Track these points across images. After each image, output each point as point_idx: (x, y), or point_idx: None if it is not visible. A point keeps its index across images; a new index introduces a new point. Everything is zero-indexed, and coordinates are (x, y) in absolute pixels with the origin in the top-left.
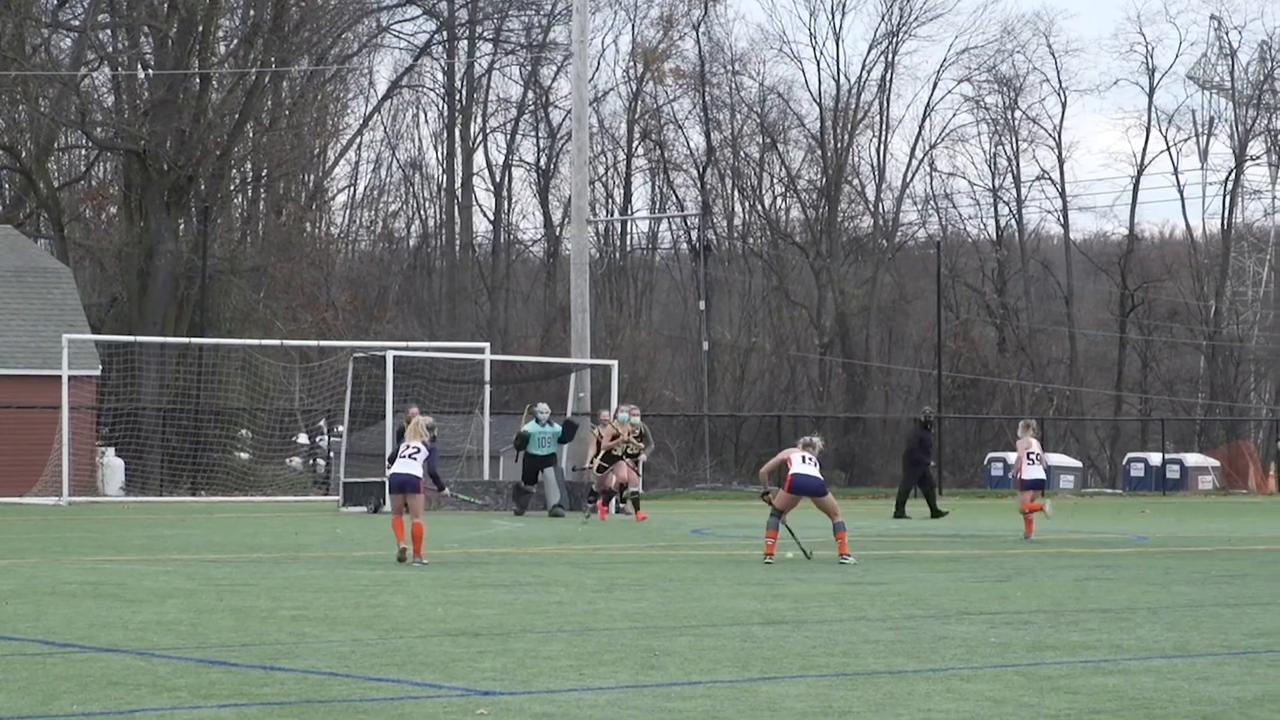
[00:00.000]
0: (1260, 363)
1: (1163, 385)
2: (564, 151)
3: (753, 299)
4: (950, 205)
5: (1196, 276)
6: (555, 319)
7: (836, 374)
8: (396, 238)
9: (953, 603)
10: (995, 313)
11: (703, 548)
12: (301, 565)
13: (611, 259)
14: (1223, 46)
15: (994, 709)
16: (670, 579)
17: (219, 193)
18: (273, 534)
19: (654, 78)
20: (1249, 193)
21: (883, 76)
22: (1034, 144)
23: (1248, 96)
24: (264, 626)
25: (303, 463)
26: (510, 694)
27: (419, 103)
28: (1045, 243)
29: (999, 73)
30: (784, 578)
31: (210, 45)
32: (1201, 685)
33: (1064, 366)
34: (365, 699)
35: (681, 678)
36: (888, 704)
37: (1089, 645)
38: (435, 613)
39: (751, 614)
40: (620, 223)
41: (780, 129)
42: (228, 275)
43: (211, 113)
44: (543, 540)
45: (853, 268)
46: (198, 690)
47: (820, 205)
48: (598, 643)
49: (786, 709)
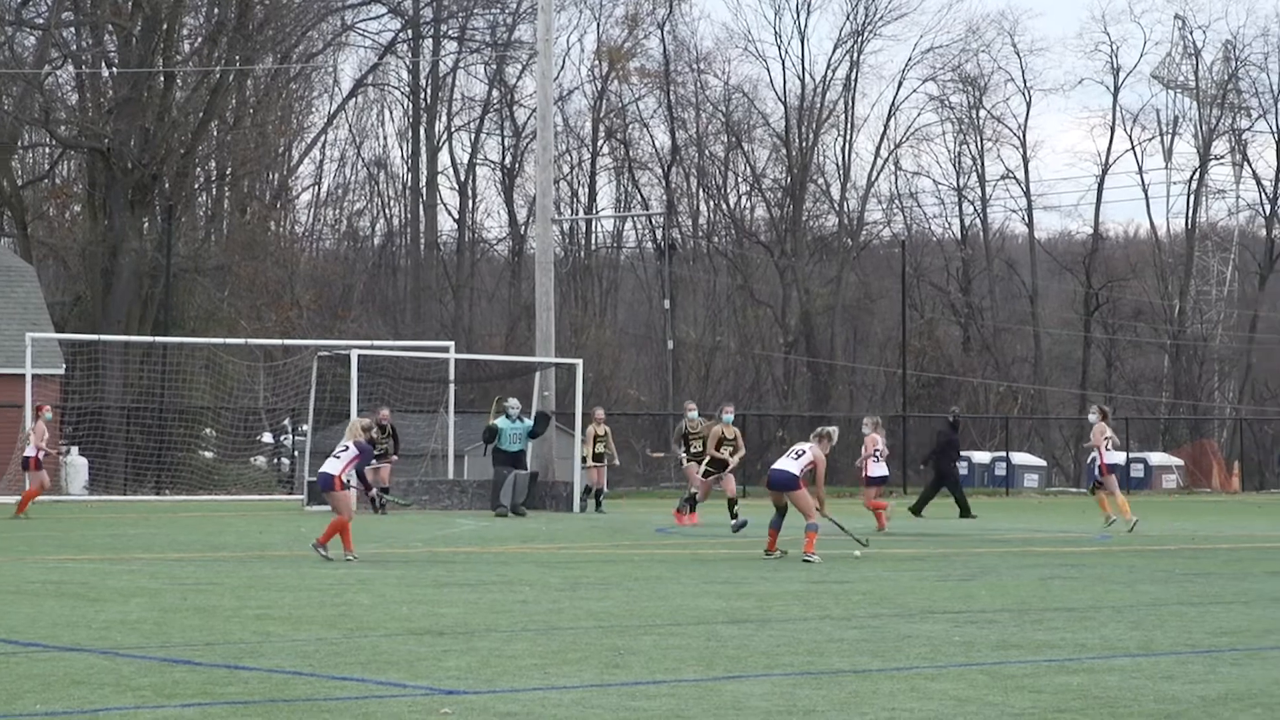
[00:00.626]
0: (1224, 362)
1: (1127, 384)
2: (529, 150)
3: (717, 298)
4: (915, 204)
5: (1161, 276)
6: (520, 318)
7: (801, 373)
8: (361, 236)
9: (917, 601)
10: (960, 312)
11: (667, 547)
12: (266, 564)
13: (576, 258)
14: (1187, 46)
15: (958, 708)
16: (635, 578)
17: (183, 191)
18: (237, 533)
19: (619, 76)
20: (1213, 192)
21: (848, 75)
22: (999, 143)
23: (1212, 96)
24: (228, 625)
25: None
26: (475, 693)
27: (384, 101)
28: (1010, 242)
29: (964, 72)
30: (749, 576)
31: (174, 43)
32: (1165, 684)
33: (1028, 365)
34: (330, 698)
35: (646, 676)
36: (852, 703)
37: (1053, 644)
38: (400, 612)
39: (716, 613)
40: (585, 221)
41: (745, 128)
42: (192, 274)
43: (176, 111)
44: (507, 539)
45: (817, 267)
46: (161, 689)
47: (785, 204)
48: (562, 642)
49: (751, 708)
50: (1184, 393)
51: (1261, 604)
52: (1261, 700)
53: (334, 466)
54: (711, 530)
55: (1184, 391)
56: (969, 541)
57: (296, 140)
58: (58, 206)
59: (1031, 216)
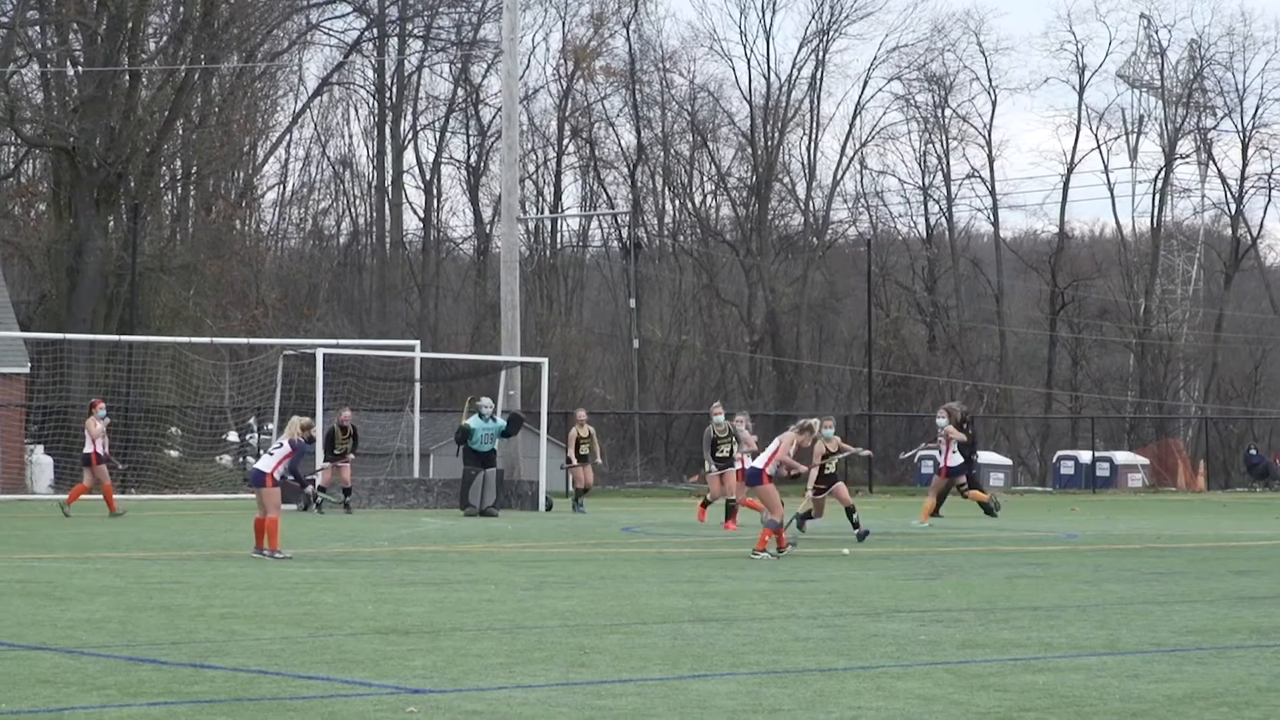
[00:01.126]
0: (1189, 361)
1: (1093, 383)
2: (494, 149)
3: (683, 297)
4: (880, 203)
5: (1126, 275)
6: (485, 316)
7: (767, 372)
8: (326, 235)
9: (883, 600)
10: (925, 310)
11: (633, 545)
12: (231, 563)
13: (542, 256)
14: (1152, 45)
15: (924, 707)
16: (600, 577)
17: (148, 190)
18: (203, 532)
19: (584, 75)
20: (1178, 191)
21: (813, 75)
22: (964, 142)
23: (1177, 95)
24: (194, 624)
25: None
26: (440, 692)
27: (349, 100)
28: (975, 240)
29: (929, 71)
30: (714, 575)
31: (140, 42)
32: (1131, 683)
33: (994, 364)
34: (295, 697)
35: (611, 675)
36: (818, 702)
37: (1019, 643)
38: (365, 611)
39: (682, 611)
40: (551, 220)
41: (711, 127)
42: (157, 273)
43: (141, 110)
44: (473, 539)
45: (783, 265)
46: (127, 688)
47: (750, 203)
48: (528, 641)
49: (716, 707)
50: (1149, 392)
51: (1227, 603)
52: (1227, 699)
53: (266, 464)
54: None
55: (1149, 390)
56: (935, 540)
57: (262, 139)
58: (23, 205)
59: (997, 215)
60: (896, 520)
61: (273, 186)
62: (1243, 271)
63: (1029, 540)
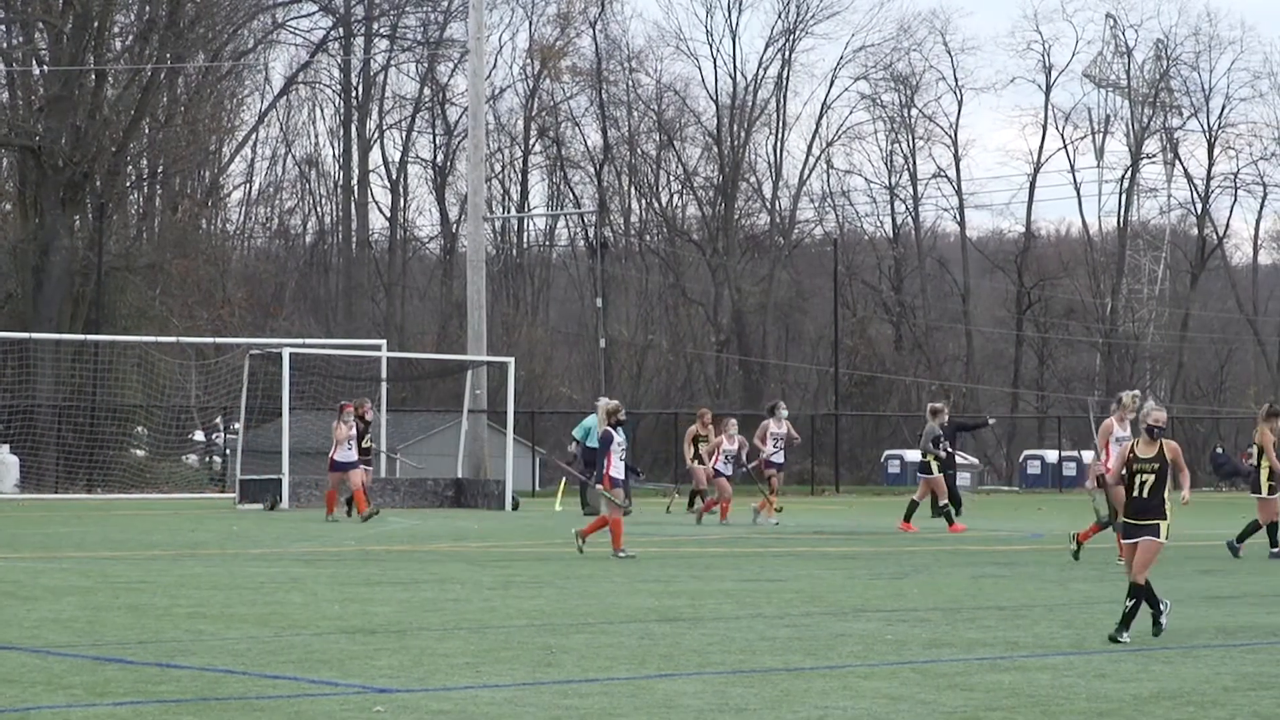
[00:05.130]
0: (1156, 360)
1: (1059, 383)
2: (460, 148)
3: (649, 296)
4: (847, 203)
5: (1092, 274)
6: (452, 316)
7: (733, 371)
8: (293, 234)
9: (850, 600)
10: (892, 310)
11: (600, 545)
12: (198, 562)
13: (508, 256)
14: (1119, 45)
15: (890, 706)
16: (567, 576)
17: (114, 189)
18: (169, 531)
19: (551, 75)
20: (1145, 191)
21: (779, 74)
22: (930, 142)
23: (1143, 95)
24: (160, 624)
25: (199, 460)
26: (407, 691)
27: (315, 99)
28: (942, 240)
29: (895, 71)
30: (681, 575)
31: (106, 41)
32: (1097, 682)
33: (960, 364)
34: (262, 696)
35: (578, 675)
36: (784, 701)
37: (985, 642)
38: (332, 610)
39: (648, 611)
40: (517, 220)
41: (677, 126)
42: (123, 272)
43: (107, 109)
44: (439, 538)
45: (749, 265)
46: (93, 688)
47: (717, 203)
48: (494, 640)
49: (683, 706)
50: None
51: (1193, 603)
52: (1193, 699)
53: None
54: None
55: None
56: (901, 540)
57: (228, 138)
58: None
59: (963, 215)
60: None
61: (239, 186)
62: (1209, 271)
63: (995, 540)
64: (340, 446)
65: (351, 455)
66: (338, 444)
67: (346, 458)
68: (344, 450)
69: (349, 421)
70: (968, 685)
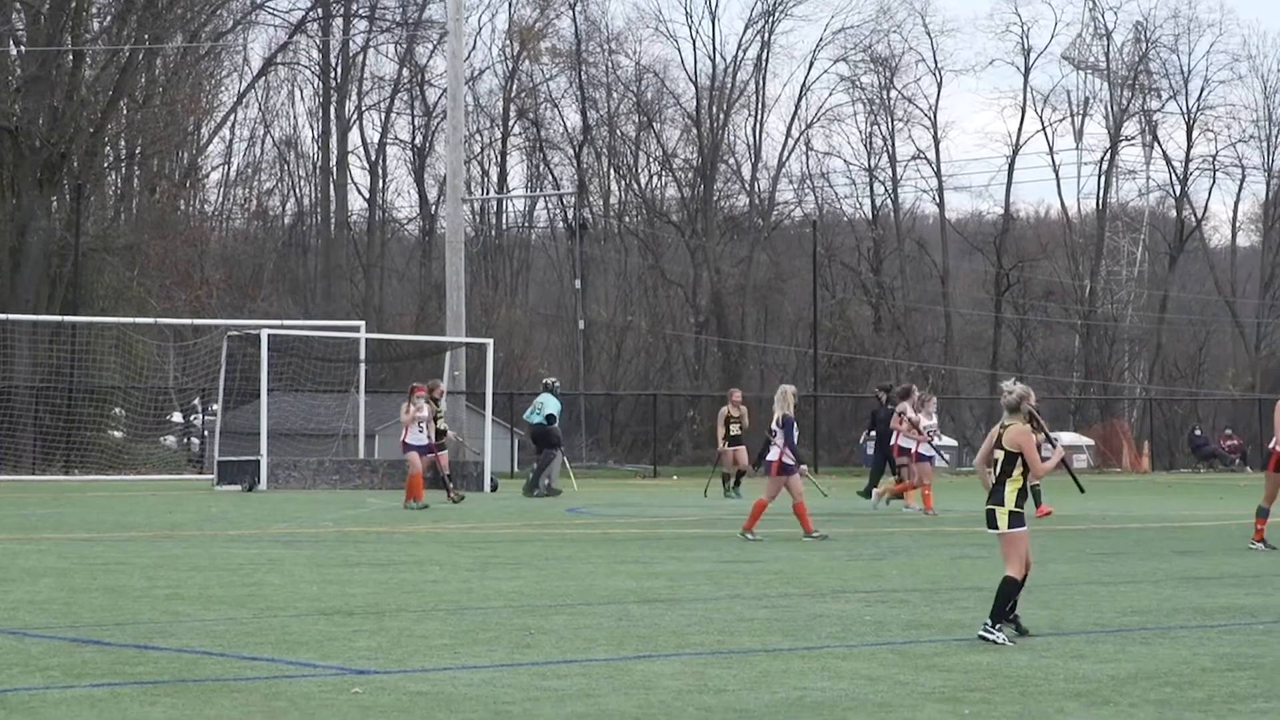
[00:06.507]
0: (1134, 342)
1: (1038, 364)
2: (439, 130)
3: (628, 278)
4: (826, 184)
5: (1071, 256)
6: (430, 297)
7: (712, 353)
8: (271, 215)
9: (828, 581)
10: (871, 291)
11: (578, 526)
12: (176, 544)
13: (487, 237)
14: (1098, 27)
15: (869, 686)
16: (545, 558)
17: (92, 170)
18: (147, 513)
19: (530, 56)
20: (1123, 173)
21: (759, 56)
22: (910, 124)
23: (1122, 77)
24: (137, 605)
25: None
26: (385, 673)
27: (294, 80)
28: (921, 222)
29: (875, 52)
30: (659, 556)
31: (84, 21)
32: (1075, 663)
33: (939, 345)
34: (239, 678)
35: (557, 656)
36: (763, 682)
37: (964, 623)
38: (310, 591)
39: (627, 592)
40: (496, 201)
41: (656, 108)
42: (101, 253)
43: (85, 90)
44: (418, 519)
45: (728, 246)
46: (70, 669)
47: (696, 184)
48: (473, 621)
49: (662, 687)
50: (1094, 373)
51: (1171, 583)
52: (1171, 679)
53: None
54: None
55: (1094, 371)
56: (880, 521)
57: (206, 119)
58: None
59: (942, 197)
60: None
61: (217, 167)
62: (1187, 253)
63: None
64: (410, 429)
65: (422, 439)
66: (406, 427)
67: (418, 440)
68: (414, 433)
69: (418, 404)
70: (946, 666)
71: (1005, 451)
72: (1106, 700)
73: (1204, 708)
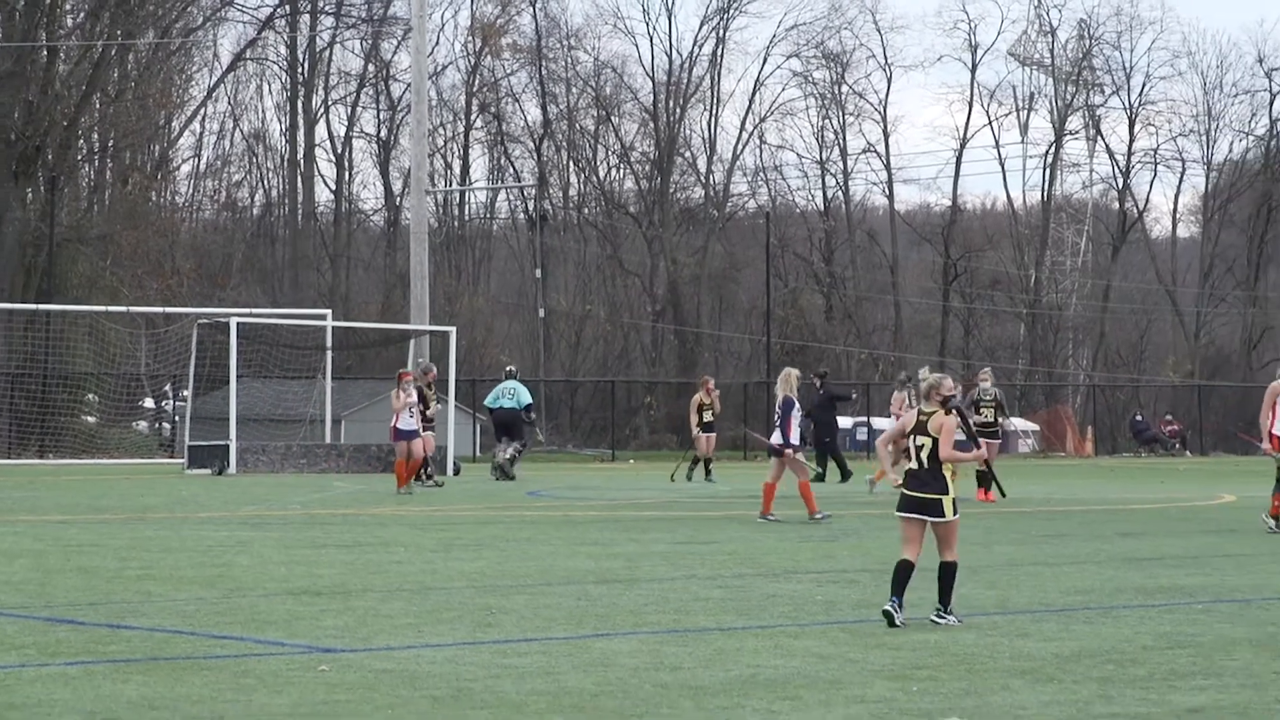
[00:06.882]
0: (1078, 330)
1: (984, 351)
2: (404, 123)
3: (587, 267)
4: (779, 177)
5: (1017, 246)
6: (395, 286)
7: (669, 340)
8: (240, 207)
9: (781, 562)
10: (823, 281)
11: (539, 509)
12: (148, 526)
13: (450, 228)
14: (1043, 24)
15: (820, 664)
16: (507, 539)
17: (66, 162)
18: (119, 496)
19: (492, 52)
20: (1068, 166)
21: (714, 52)
22: (860, 118)
23: (1067, 73)
24: (110, 586)
25: (149, 426)
26: (351, 651)
27: (262, 75)
28: (871, 213)
29: (826, 49)
30: (618, 538)
31: (58, 18)
32: (1020, 641)
33: (889, 333)
34: (210, 656)
35: (518, 634)
36: (717, 659)
37: (911, 603)
38: (278, 572)
39: (586, 573)
40: (459, 193)
41: (614, 102)
42: (75, 243)
43: (59, 84)
44: (383, 502)
45: (684, 237)
46: (45, 648)
47: (653, 176)
48: (436, 601)
49: (619, 665)
50: (1039, 360)
51: (1113, 564)
52: (1113, 657)
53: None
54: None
55: (1039, 359)
56: (831, 504)
57: (177, 113)
58: None
59: (892, 189)
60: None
61: (188, 159)
62: (1129, 244)
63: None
64: (401, 415)
65: (413, 424)
66: (397, 413)
67: (408, 425)
68: (405, 418)
69: (407, 389)
70: (895, 644)
71: (932, 438)
72: (1050, 677)
73: (1145, 685)
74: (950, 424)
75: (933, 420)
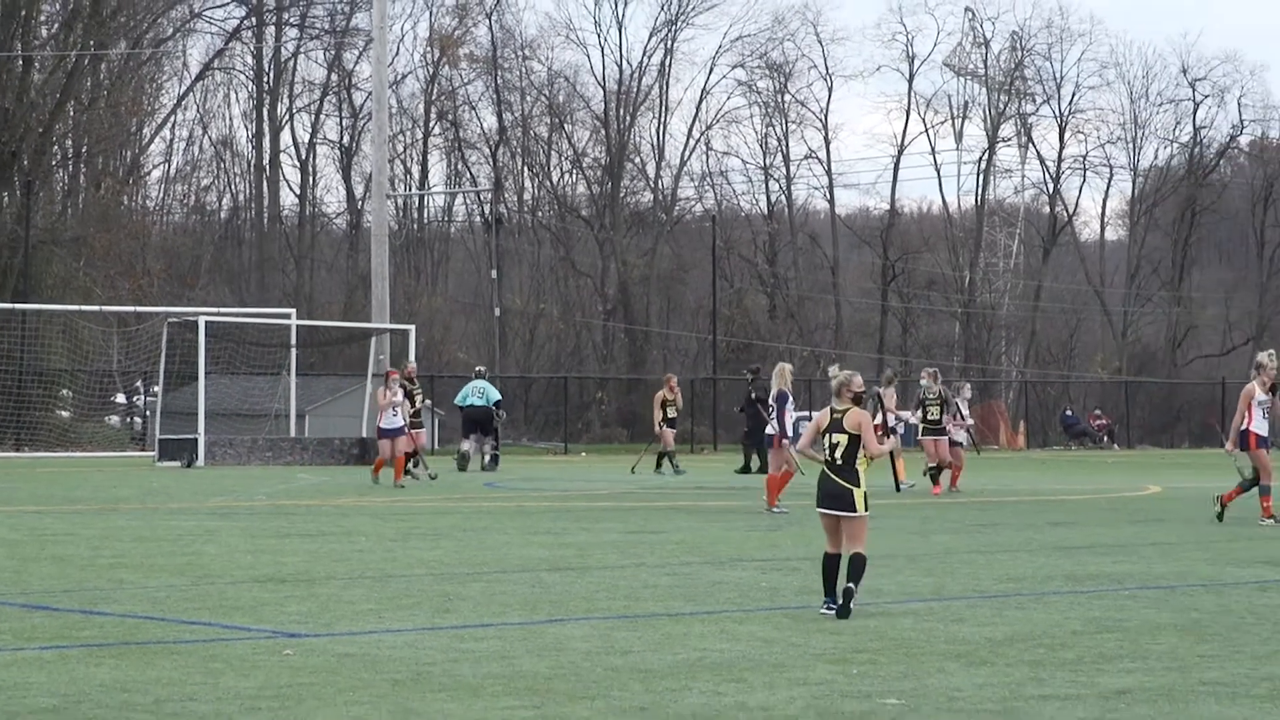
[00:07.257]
0: (1010, 328)
1: (921, 349)
2: (365, 130)
3: (541, 268)
4: (725, 182)
5: (952, 249)
6: (357, 286)
7: (619, 338)
8: (208, 210)
9: (727, 550)
10: (766, 282)
11: (495, 500)
12: (119, 516)
13: (410, 231)
14: (977, 37)
15: (764, 648)
16: (464, 529)
17: (41, 167)
18: (92, 487)
19: (450, 62)
20: (1000, 172)
21: (663, 62)
22: (802, 125)
23: (1000, 83)
24: (84, 574)
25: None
26: (315, 636)
27: (230, 84)
28: (813, 217)
29: (770, 59)
30: (570, 527)
31: (32, 29)
32: (955, 626)
33: (830, 331)
34: (179, 640)
35: (474, 620)
36: (666, 644)
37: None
38: (245, 560)
39: (540, 561)
40: (418, 197)
41: (567, 110)
42: (49, 245)
43: (34, 92)
44: (345, 493)
45: (634, 239)
46: (21, 633)
47: (604, 181)
48: (396, 588)
49: (572, 649)
50: (974, 357)
51: (1044, 553)
52: (1044, 641)
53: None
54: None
55: (973, 356)
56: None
57: (148, 120)
58: None
59: (833, 193)
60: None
61: (158, 165)
62: (1059, 246)
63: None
64: (385, 413)
65: (397, 421)
66: (381, 411)
67: (392, 424)
68: (389, 416)
69: (394, 388)
70: (836, 629)
71: (848, 434)
72: (984, 661)
73: (1074, 667)
74: (868, 418)
75: (848, 417)
